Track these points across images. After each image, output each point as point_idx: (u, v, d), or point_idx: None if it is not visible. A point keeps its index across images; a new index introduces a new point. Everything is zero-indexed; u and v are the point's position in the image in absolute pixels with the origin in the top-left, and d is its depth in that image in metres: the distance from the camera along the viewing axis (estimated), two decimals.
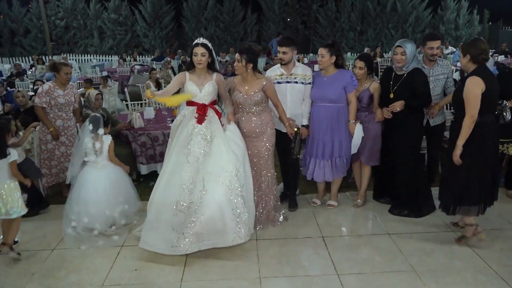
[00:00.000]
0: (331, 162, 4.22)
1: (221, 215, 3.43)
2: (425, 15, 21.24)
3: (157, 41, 21.10)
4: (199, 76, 3.84)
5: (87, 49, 21.42)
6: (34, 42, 21.33)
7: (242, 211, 3.48)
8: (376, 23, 21.28)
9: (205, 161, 3.59)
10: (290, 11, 21.65)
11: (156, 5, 21.00)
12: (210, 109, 3.82)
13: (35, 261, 3.60)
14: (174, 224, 3.46)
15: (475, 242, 3.67)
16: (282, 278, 3.28)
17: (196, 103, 3.81)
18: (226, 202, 3.44)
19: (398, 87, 4.03)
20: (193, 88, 3.80)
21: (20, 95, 5.82)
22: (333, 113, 4.12)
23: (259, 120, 3.94)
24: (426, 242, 3.77)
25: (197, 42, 3.77)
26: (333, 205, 4.46)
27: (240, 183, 3.52)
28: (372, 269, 3.37)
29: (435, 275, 3.26)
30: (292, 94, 4.17)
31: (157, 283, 3.26)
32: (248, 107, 3.91)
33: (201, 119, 3.75)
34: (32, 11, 21.22)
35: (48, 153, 4.77)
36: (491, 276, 3.23)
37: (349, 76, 4.10)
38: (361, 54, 4.35)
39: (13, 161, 3.58)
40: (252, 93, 3.86)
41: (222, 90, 3.94)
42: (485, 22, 22.54)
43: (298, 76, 4.16)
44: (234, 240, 3.46)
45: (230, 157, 3.58)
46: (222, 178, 3.49)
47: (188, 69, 3.90)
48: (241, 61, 3.77)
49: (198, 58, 3.74)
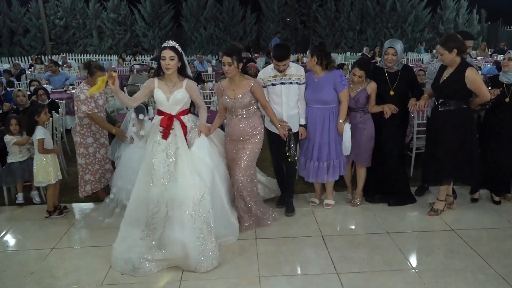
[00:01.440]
0: (328, 164, 4.19)
1: (183, 246, 3.27)
2: (424, 15, 21.25)
3: (156, 40, 21.07)
4: (168, 83, 3.58)
5: (86, 48, 21.40)
6: (33, 41, 21.30)
7: (207, 239, 3.32)
8: (375, 23, 21.28)
9: (169, 184, 3.41)
10: (289, 10, 21.64)
11: (155, 4, 20.98)
12: (177, 121, 3.58)
13: (34, 260, 3.59)
14: (139, 247, 3.40)
15: (474, 241, 3.69)
16: (282, 277, 3.27)
17: (163, 113, 3.60)
18: (189, 233, 3.28)
19: (397, 85, 4.15)
20: (160, 96, 3.56)
21: (21, 94, 5.82)
22: (326, 115, 4.09)
23: (248, 124, 3.84)
24: (426, 241, 3.77)
25: (165, 45, 3.52)
26: (330, 204, 4.44)
27: (205, 209, 3.35)
28: (372, 268, 3.36)
29: (434, 274, 3.25)
30: (287, 96, 4.04)
31: (156, 282, 3.25)
32: (237, 110, 3.81)
33: (166, 134, 3.52)
34: (32, 10, 21.19)
35: (90, 157, 4.54)
36: (490, 276, 3.23)
37: (338, 76, 4.04)
38: (360, 61, 4.22)
39: (39, 139, 4.24)
40: (240, 96, 3.75)
41: (195, 97, 3.70)
42: (483, 22, 22.55)
43: (293, 77, 4.02)
44: (196, 268, 3.29)
45: (194, 181, 3.38)
46: (185, 206, 3.32)
47: (157, 75, 3.63)
48: (233, 63, 3.63)
49: (166, 62, 3.47)
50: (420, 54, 16.40)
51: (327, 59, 4.03)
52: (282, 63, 3.91)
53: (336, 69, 4.15)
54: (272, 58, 3.99)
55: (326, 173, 4.23)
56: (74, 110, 4.60)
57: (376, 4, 21.11)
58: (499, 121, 4.19)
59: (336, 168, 4.23)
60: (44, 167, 4.31)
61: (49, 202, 4.41)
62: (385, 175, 4.39)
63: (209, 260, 3.31)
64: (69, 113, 7.22)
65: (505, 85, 4.11)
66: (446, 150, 3.95)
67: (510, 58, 4.07)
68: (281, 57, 3.90)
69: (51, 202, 4.40)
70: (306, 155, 4.28)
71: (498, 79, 4.18)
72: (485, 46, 14.21)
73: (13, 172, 4.60)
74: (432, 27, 21.58)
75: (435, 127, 4.03)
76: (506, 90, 4.10)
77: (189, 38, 21.35)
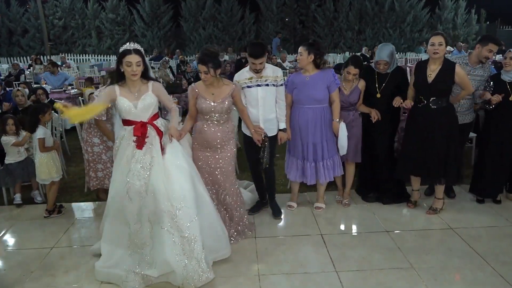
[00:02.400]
0: (323, 163, 4.14)
1: (167, 263, 3.08)
2: (423, 15, 21.27)
3: (155, 41, 21.07)
4: (132, 89, 3.21)
5: (85, 48, 21.38)
6: (32, 42, 21.28)
7: (190, 254, 3.07)
8: (374, 23, 21.29)
9: (147, 198, 3.12)
10: (288, 10, 21.64)
11: (154, 4, 20.96)
12: (151, 128, 3.23)
13: (34, 259, 3.60)
14: (127, 264, 3.20)
15: (473, 239, 3.72)
16: (281, 275, 3.28)
17: (132, 122, 3.21)
18: (170, 249, 3.06)
19: (385, 87, 4.17)
20: (125, 104, 3.17)
21: (20, 94, 5.81)
22: (318, 114, 4.02)
23: (222, 130, 3.63)
24: (425, 239, 3.78)
25: (128, 48, 3.11)
26: (321, 207, 4.40)
27: (184, 221, 3.08)
28: (371, 266, 3.38)
29: (433, 272, 3.27)
30: (264, 98, 3.88)
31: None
32: (213, 115, 3.57)
33: (140, 143, 3.16)
34: (30, 10, 21.16)
35: (94, 155, 4.51)
36: (489, 274, 3.24)
37: (331, 75, 4.00)
38: (354, 60, 4.19)
39: (39, 139, 4.30)
40: (220, 100, 3.54)
41: (164, 99, 3.37)
42: (482, 22, 22.57)
43: (269, 78, 3.88)
44: (184, 284, 3.09)
45: (168, 193, 3.11)
46: (161, 222, 3.09)
47: (117, 82, 3.24)
48: (209, 71, 3.41)
49: (133, 69, 3.09)
50: (419, 54, 16.43)
51: (321, 58, 4.00)
52: (258, 60, 3.76)
53: (328, 68, 4.12)
54: (248, 56, 3.84)
55: (315, 174, 4.16)
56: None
57: (375, 4, 21.12)
58: (502, 120, 4.19)
59: (330, 169, 4.18)
60: (46, 165, 4.35)
61: (50, 201, 4.42)
62: (377, 174, 4.43)
63: (196, 275, 3.07)
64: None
65: (508, 84, 4.11)
66: (437, 147, 4.00)
67: (511, 57, 4.08)
68: (257, 54, 3.74)
69: (52, 200, 4.42)
70: (297, 156, 4.19)
71: (501, 77, 4.18)
72: None
73: (11, 172, 4.60)
74: (431, 27, 21.58)
75: (424, 125, 4.01)
76: (510, 88, 4.09)
77: (188, 38, 21.34)
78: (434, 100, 3.95)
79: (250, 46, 3.87)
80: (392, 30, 21.12)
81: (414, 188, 4.39)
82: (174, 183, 3.15)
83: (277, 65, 10.57)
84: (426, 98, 3.99)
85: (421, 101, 4.01)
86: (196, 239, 3.10)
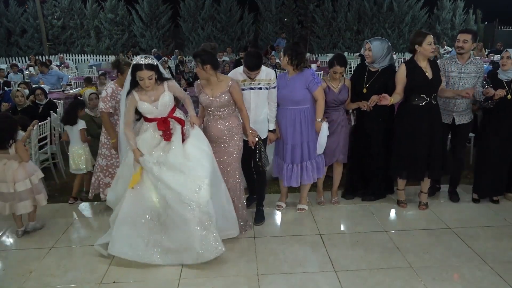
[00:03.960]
0: (301, 166, 4.13)
1: (185, 235, 3.34)
2: (421, 15, 21.29)
3: (154, 41, 21.06)
4: (148, 92, 3.49)
5: (84, 49, 21.35)
6: (31, 42, 21.24)
7: (208, 229, 3.32)
8: (372, 23, 21.31)
9: (162, 174, 3.38)
10: (287, 11, 21.64)
11: (153, 5, 20.95)
12: (172, 120, 3.58)
13: (33, 259, 3.60)
14: (143, 232, 3.43)
15: (471, 239, 3.74)
16: (280, 275, 3.29)
17: (154, 119, 3.55)
18: (190, 223, 3.31)
19: (372, 83, 4.18)
20: (146, 107, 3.49)
21: (19, 94, 5.80)
22: (297, 116, 3.99)
23: (226, 125, 3.71)
24: (423, 239, 3.79)
25: (139, 63, 3.36)
26: (303, 209, 4.39)
27: (203, 199, 3.32)
28: (370, 265, 3.39)
29: (432, 271, 3.28)
30: (256, 101, 3.93)
31: (155, 281, 3.26)
32: (214, 110, 3.69)
33: (168, 136, 3.52)
34: (29, 10, 21.12)
35: (112, 159, 4.40)
36: (487, 272, 3.26)
37: (309, 74, 3.96)
38: (339, 58, 4.16)
39: (82, 129, 4.61)
40: (218, 95, 3.63)
41: (179, 93, 3.68)
42: (479, 22, 22.61)
43: (262, 82, 3.91)
44: (198, 259, 3.33)
45: (190, 172, 3.37)
46: (183, 196, 3.31)
47: (134, 87, 3.49)
48: (197, 65, 3.58)
49: (145, 83, 3.39)
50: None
51: (297, 59, 3.92)
52: (254, 72, 3.82)
53: (307, 68, 4.04)
54: (243, 65, 3.87)
55: (299, 176, 4.14)
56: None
57: (373, 4, 21.14)
58: (500, 119, 4.21)
59: (309, 171, 4.14)
60: (85, 155, 4.66)
61: (75, 189, 4.74)
62: (367, 172, 4.47)
63: (210, 249, 3.32)
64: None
65: (505, 83, 4.13)
66: (434, 142, 4.11)
67: (509, 57, 4.09)
68: (252, 67, 3.79)
69: (76, 189, 4.74)
70: (280, 156, 4.21)
71: (498, 77, 4.20)
72: (481, 46, 14.25)
73: None
74: (429, 27, 21.61)
75: (427, 122, 4.07)
76: (507, 87, 4.11)
77: (187, 39, 21.33)
78: (434, 96, 4.05)
79: (247, 56, 3.88)
80: (391, 30, 21.16)
81: (400, 188, 4.44)
82: (196, 163, 3.42)
83: (275, 65, 10.64)
84: (428, 95, 4.02)
85: (423, 100, 4.03)
86: (212, 215, 3.34)
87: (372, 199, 4.53)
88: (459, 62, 4.22)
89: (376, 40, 4.16)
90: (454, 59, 4.25)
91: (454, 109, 4.27)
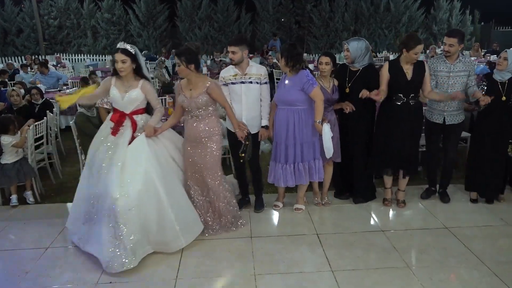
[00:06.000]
0: (294, 167, 4.10)
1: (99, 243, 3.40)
2: (418, 15, 21.34)
3: (151, 41, 21.02)
4: (125, 83, 3.66)
5: (80, 48, 21.27)
6: (27, 41, 21.15)
7: (120, 240, 3.28)
8: (369, 23, 21.34)
9: (100, 179, 3.47)
10: (284, 11, 21.64)
11: (150, 4, 20.90)
12: (128, 119, 3.66)
13: (29, 259, 3.58)
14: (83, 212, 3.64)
15: (468, 238, 3.74)
16: (277, 275, 3.29)
17: (116, 111, 3.69)
18: (104, 231, 3.35)
19: (353, 82, 4.21)
20: (115, 94, 3.66)
21: (15, 94, 5.78)
22: (290, 116, 3.98)
23: (204, 125, 3.72)
24: (420, 239, 3.80)
25: (117, 47, 3.58)
26: (300, 208, 4.38)
27: (122, 209, 3.29)
28: (366, 265, 3.39)
29: (429, 271, 3.28)
30: (247, 95, 3.99)
31: (151, 280, 3.25)
32: (193, 110, 3.69)
33: (115, 130, 3.61)
34: (25, 10, 21.01)
35: None
36: (484, 272, 3.26)
37: (304, 76, 3.91)
38: (325, 51, 4.30)
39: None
40: (196, 96, 3.64)
41: (151, 98, 3.74)
42: (476, 23, 22.68)
43: (253, 76, 3.98)
44: (106, 268, 3.30)
45: (117, 180, 3.38)
46: (105, 203, 3.36)
47: (115, 74, 3.69)
48: (181, 63, 3.58)
49: (118, 66, 3.55)
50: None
51: (293, 60, 3.91)
52: (230, 48, 3.91)
53: (303, 70, 3.97)
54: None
55: (293, 175, 4.13)
56: (66, 110, 4.57)
57: (370, 4, 21.17)
58: (494, 120, 4.21)
59: (302, 173, 4.11)
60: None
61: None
62: (352, 173, 4.46)
63: (119, 260, 3.26)
64: (63, 113, 7.19)
65: (499, 84, 4.14)
66: (411, 140, 4.22)
67: (505, 58, 4.09)
68: (230, 41, 3.96)
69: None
70: (273, 157, 4.19)
71: (493, 77, 4.20)
72: (478, 47, 14.29)
73: (6, 173, 4.57)
74: (426, 27, 21.68)
75: (404, 120, 4.14)
76: (501, 88, 4.13)
77: (184, 38, 21.27)
78: (412, 96, 4.10)
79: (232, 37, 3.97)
80: (388, 30, 21.19)
81: (387, 186, 4.48)
82: (125, 173, 3.42)
83: (273, 65, 10.63)
84: (406, 95, 4.08)
85: (400, 99, 4.10)
86: (128, 228, 3.30)
87: (362, 201, 4.52)
88: (448, 61, 4.22)
89: (354, 41, 4.21)
90: (442, 59, 4.26)
91: (445, 108, 4.27)
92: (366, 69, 4.22)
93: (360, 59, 4.17)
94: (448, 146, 4.44)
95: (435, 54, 11.61)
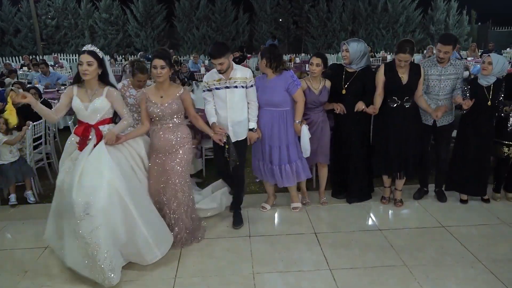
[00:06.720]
0: (280, 168, 4.09)
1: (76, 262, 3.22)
2: (415, 15, 21.44)
3: (149, 41, 21.03)
4: (88, 91, 3.34)
5: (78, 48, 21.23)
6: (24, 41, 21.15)
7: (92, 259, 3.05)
8: (367, 23, 21.42)
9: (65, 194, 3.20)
10: (281, 11, 21.70)
11: (147, 4, 20.93)
12: (93, 130, 3.34)
13: (28, 259, 3.59)
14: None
15: (465, 237, 3.77)
16: (275, 274, 3.31)
17: (81, 122, 3.37)
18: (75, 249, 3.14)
19: (350, 84, 4.22)
20: (78, 104, 3.31)
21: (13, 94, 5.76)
22: (276, 118, 3.98)
23: (174, 135, 3.55)
24: (417, 237, 3.82)
25: (84, 48, 3.28)
26: (297, 207, 4.40)
27: (89, 227, 3.01)
28: (364, 264, 3.41)
29: (426, 270, 3.31)
30: (232, 100, 3.82)
31: (151, 280, 3.27)
32: (165, 119, 3.51)
33: (82, 145, 3.28)
34: (23, 10, 21.02)
35: None
36: (481, 270, 3.29)
37: (289, 76, 3.93)
38: (316, 52, 4.28)
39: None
40: (169, 102, 3.48)
41: (118, 106, 3.42)
42: (473, 23, 22.78)
43: (238, 80, 3.81)
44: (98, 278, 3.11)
45: (82, 195, 3.05)
46: (72, 221, 3.10)
47: (77, 82, 3.39)
48: (167, 65, 3.40)
49: (83, 68, 3.23)
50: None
51: (276, 61, 3.91)
52: (217, 61, 3.68)
53: (286, 70, 3.99)
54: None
55: (280, 177, 4.13)
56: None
57: (368, 4, 21.25)
58: (479, 125, 4.22)
59: (289, 174, 4.10)
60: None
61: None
62: (347, 174, 4.47)
63: (100, 277, 3.08)
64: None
65: (485, 88, 4.13)
66: (408, 145, 4.21)
67: (490, 62, 4.05)
68: (214, 54, 3.67)
69: None
70: (258, 157, 4.20)
71: (478, 81, 4.19)
72: (475, 47, 14.34)
73: (5, 174, 4.56)
74: (423, 27, 21.77)
75: (400, 123, 4.16)
76: (487, 93, 4.12)
77: (182, 38, 21.33)
78: (407, 99, 4.11)
79: (212, 46, 3.79)
80: (385, 30, 21.27)
81: (386, 185, 4.51)
82: (85, 186, 3.08)
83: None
84: (400, 98, 4.12)
85: (395, 102, 4.14)
86: (99, 246, 3.04)
87: (356, 201, 4.54)
88: (439, 65, 4.25)
89: (353, 41, 4.19)
90: (434, 62, 4.27)
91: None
92: (363, 71, 4.22)
93: (358, 61, 4.18)
94: (440, 147, 4.46)
95: (432, 54, 11.65)
